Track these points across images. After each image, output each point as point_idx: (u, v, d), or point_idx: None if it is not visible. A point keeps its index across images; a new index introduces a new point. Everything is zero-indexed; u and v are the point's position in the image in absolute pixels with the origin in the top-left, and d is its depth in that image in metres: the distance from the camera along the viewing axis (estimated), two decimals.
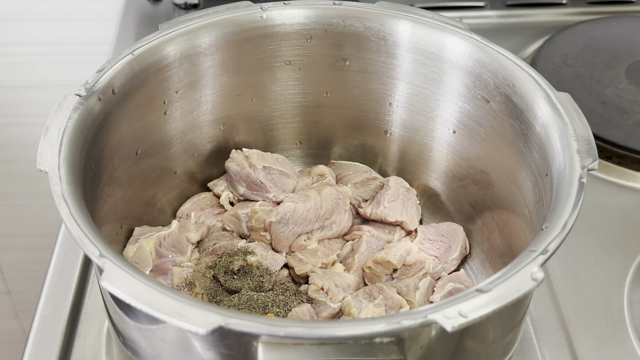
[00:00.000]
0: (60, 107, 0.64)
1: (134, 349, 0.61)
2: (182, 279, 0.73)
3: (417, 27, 0.77)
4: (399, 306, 0.72)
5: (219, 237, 0.80)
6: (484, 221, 0.79)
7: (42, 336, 0.75)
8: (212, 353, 0.54)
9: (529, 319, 0.78)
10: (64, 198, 0.56)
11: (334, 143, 0.90)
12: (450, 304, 0.49)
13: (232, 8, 0.78)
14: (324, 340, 0.48)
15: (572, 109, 0.66)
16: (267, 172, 0.82)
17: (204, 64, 0.78)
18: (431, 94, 0.80)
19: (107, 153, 0.69)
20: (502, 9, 1.25)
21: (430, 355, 0.54)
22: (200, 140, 0.83)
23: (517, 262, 0.53)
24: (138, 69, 0.71)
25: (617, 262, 0.84)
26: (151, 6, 1.25)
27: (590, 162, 0.61)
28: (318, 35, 0.80)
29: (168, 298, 0.49)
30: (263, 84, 0.83)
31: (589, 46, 1.13)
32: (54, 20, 1.28)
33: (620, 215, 0.90)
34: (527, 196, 0.70)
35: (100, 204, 0.68)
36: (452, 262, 0.79)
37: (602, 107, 1.02)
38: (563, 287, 0.81)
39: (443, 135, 0.81)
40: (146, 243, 0.73)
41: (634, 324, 0.77)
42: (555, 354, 0.75)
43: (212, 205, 0.84)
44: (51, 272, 0.82)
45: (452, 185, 0.83)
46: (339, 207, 0.81)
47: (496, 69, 0.72)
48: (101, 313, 0.77)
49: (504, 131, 0.73)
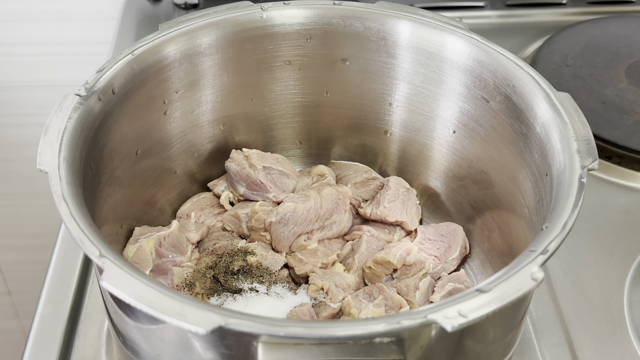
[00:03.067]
0: (60, 107, 0.64)
1: (134, 349, 0.61)
2: (182, 279, 0.73)
3: (417, 27, 0.77)
4: (399, 306, 0.72)
5: (219, 237, 0.80)
6: (484, 221, 0.79)
7: (42, 336, 0.75)
8: (212, 353, 0.54)
9: (529, 319, 0.78)
10: (64, 198, 0.56)
11: (334, 143, 0.90)
12: (450, 304, 0.49)
13: (232, 8, 0.78)
14: (324, 340, 0.48)
15: (572, 109, 0.66)
16: (267, 172, 0.82)
17: (204, 64, 0.78)
18: (431, 94, 0.80)
19: (107, 153, 0.69)
20: (502, 9, 1.25)
21: (430, 355, 0.54)
22: (200, 140, 0.83)
23: (517, 262, 0.53)
24: (138, 69, 0.71)
25: (617, 262, 0.84)
26: (151, 6, 1.25)
27: (590, 162, 0.61)
28: (318, 35, 0.80)
29: (168, 298, 0.49)
30: (263, 84, 0.83)
31: (589, 46, 1.13)
32: (54, 20, 1.28)
33: (620, 215, 0.90)
34: (527, 196, 0.70)
35: (100, 204, 0.68)
36: (452, 262, 0.79)
37: (602, 107, 1.02)
38: (563, 287, 0.81)
39: (443, 135, 0.81)
40: (146, 243, 0.73)
41: (634, 324, 0.77)
42: (555, 354, 0.75)
43: (212, 205, 0.84)
44: (51, 272, 0.82)
45: (452, 185, 0.83)
46: (339, 207, 0.81)
47: (496, 69, 0.72)
48: (101, 313, 0.77)
49: (504, 131, 0.73)
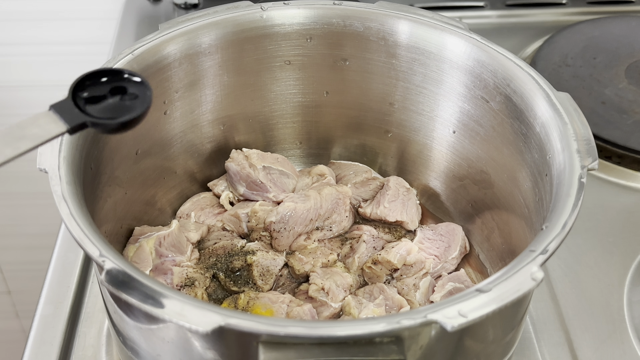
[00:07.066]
0: None
1: (134, 348, 0.61)
2: (182, 279, 0.73)
3: (417, 27, 0.77)
4: (399, 306, 0.72)
5: (219, 237, 0.80)
6: (484, 221, 0.79)
7: (42, 336, 0.75)
8: (212, 353, 0.54)
9: (529, 318, 0.78)
10: (64, 198, 0.56)
11: (334, 143, 0.90)
12: (450, 303, 0.49)
13: (232, 8, 0.78)
14: (324, 340, 0.48)
15: (572, 109, 0.66)
16: (267, 172, 0.82)
17: (204, 64, 0.78)
18: (431, 94, 0.80)
19: (107, 153, 0.69)
20: (502, 9, 1.25)
21: (430, 355, 0.54)
22: (200, 140, 0.83)
23: (517, 262, 0.53)
24: (138, 69, 0.71)
25: (617, 262, 0.84)
26: (151, 6, 1.25)
27: (590, 162, 0.61)
28: (318, 35, 0.80)
29: (168, 298, 0.49)
30: (263, 84, 0.83)
31: (588, 46, 1.13)
32: (54, 20, 1.28)
33: (620, 215, 0.90)
34: (526, 196, 0.70)
35: (100, 204, 0.68)
36: (452, 261, 0.79)
37: (602, 107, 1.02)
38: (563, 287, 0.81)
39: (443, 135, 0.81)
40: (146, 243, 0.73)
41: (633, 324, 0.77)
42: (555, 354, 0.75)
43: (212, 205, 0.84)
44: (51, 272, 0.82)
45: (452, 185, 0.83)
46: (339, 207, 0.81)
47: (496, 69, 0.72)
48: (101, 313, 0.77)
49: (504, 131, 0.73)
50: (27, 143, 0.50)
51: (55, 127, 0.52)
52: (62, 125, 0.52)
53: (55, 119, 0.52)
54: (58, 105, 0.53)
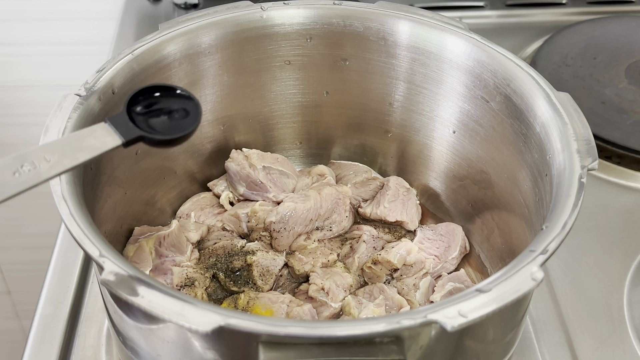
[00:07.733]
0: (60, 107, 0.64)
1: (134, 348, 0.61)
2: (182, 279, 0.73)
3: (417, 27, 0.77)
4: (399, 306, 0.72)
5: (219, 237, 0.80)
6: (484, 221, 0.79)
7: (42, 336, 0.75)
8: (212, 353, 0.54)
9: (529, 318, 0.78)
10: (64, 198, 0.56)
11: (334, 143, 0.90)
12: (450, 303, 0.49)
13: (232, 8, 0.78)
14: (323, 340, 0.48)
15: (572, 109, 0.66)
16: (267, 172, 0.82)
17: (204, 63, 0.78)
18: (431, 94, 0.80)
19: (107, 153, 0.69)
20: (502, 9, 1.25)
21: (430, 355, 0.54)
22: (200, 140, 0.83)
23: (517, 262, 0.53)
24: (138, 69, 0.71)
25: (617, 262, 0.84)
26: (151, 6, 1.25)
27: (590, 162, 0.61)
28: (318, 35, 0.80)
29: (168, 298, 0.49)
30: (263, 84, 0.83)
31: (588, 46, 1.13)
32: (54, 20, 1.28)
33: (620, 215, 0.90)
34: (526, 196, 0.70)
35: (100, 204, 0.68)
36: (452, 261, 0.79)
37: (602, 107, 1.02)
38: (563, 287, 0.81)
39: (443, 135, 0.81)
40: (146, 243, 0.73)
41: (633, 324, 0.77)
42: (555, 354, 0.75)
43: (212, 205, 0.84)
44: (51, 272, 0.82)
45: (452, 185, 0.83)
46: (339, 207, 0.81)
47: (496, 69, 0.72)
48: (101, 313, 0.77)
49: (504, 131, 0.73)
50: (85, 154, 0.52)
51: (112, 140, 0.54)
52: (118, 138, 0.54)
53: (110, 132, 0.54)
54: (114, 119, 0.55)
